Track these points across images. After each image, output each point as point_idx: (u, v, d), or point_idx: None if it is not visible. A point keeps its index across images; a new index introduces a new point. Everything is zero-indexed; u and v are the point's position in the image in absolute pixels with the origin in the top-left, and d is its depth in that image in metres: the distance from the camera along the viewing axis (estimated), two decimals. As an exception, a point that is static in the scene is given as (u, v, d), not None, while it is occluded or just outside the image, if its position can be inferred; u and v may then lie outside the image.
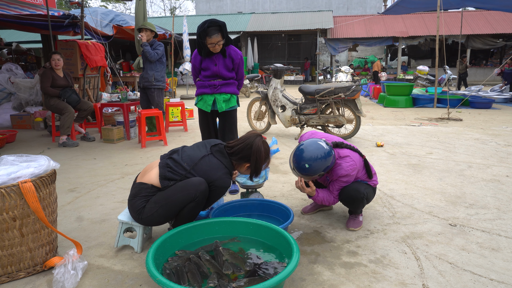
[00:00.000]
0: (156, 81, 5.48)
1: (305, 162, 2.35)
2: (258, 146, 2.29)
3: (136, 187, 2.25)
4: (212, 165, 2.23)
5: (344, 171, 2.47)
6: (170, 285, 1.60)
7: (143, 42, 5.30)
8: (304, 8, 26.40)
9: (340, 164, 2.50)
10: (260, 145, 2.30)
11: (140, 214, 2.18)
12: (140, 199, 2.19)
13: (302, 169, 2.38)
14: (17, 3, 6.98)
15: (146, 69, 5.47)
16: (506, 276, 2.01)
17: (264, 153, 2.32)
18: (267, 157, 2.38)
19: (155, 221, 2.21)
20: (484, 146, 5.17)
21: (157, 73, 5.49)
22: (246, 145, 2.30)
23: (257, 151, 2.28)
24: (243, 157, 2.31)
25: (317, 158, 2.34)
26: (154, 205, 2.17)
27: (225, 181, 2.23)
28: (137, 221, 2.25)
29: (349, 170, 2.47)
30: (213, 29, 3.13)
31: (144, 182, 2.23)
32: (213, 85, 3.39)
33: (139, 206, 2.18)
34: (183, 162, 2.24)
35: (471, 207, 3.00)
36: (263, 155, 2.31)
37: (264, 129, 6.30)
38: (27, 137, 6.23)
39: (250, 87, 13.60)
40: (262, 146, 2.31)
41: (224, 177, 2.23)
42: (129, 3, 42.33)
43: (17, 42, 14.72)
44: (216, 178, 2.20)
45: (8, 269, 2.00)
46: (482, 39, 17.66)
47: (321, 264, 2.17)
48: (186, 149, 2.35)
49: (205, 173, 2.21)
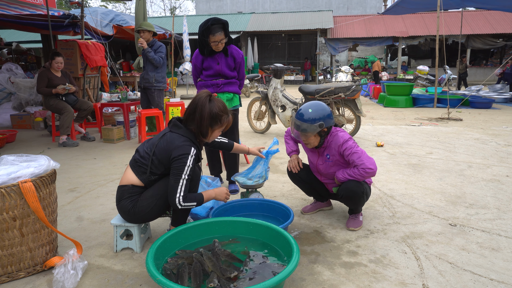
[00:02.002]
0: (157, 82, 5.47)
1: (309, 107, 2.50)
2: (201, 104, 2.17)
3: (118, 190, 2.26)
4: (169, 140, 2.17)
5: (341, 136, 2.55)
6: (170, 285, 1.60)
7: (146, 49, 5.26)
8: (304, 8, 26.40)
9: (336, 133, 2.59)
10: (203, 102, 2.18)
11: (135, 214, 2.19)
12: (125, 200, 2.21)
13: (305, 113, 2.48)
14: (17, 3, 6.98)
15: (147, 70, 5.45)
16: (506, 276, 2.01)
17: (208, 110, 2.17)
18: (220, 115, 2.21)
19: (153, 214, 2.22)
20: (484, 146, 5.17)
21: (158, 74, 5.47)
22: (192, 107, 2.21)
23: (201, 109, 2.16)
24: (193, 119, 2.21)
25: (320, 106, 2.52)
26: (151, 199, 2.18)
27: (182, 148, 2.11)
28: (132, 221, 2.25)
29: (346, 134, 2.57)
30: (217, 27, 3.12)
31: (124, 184, 2.23)
32: (216, 84, 3.38)
33: (128, 207, 2.19)
34: (146, 149, 2.23)
35: (471, 207, 3.00)
36: (207, 112, 2.17)
37: (264, 129, 6.31)
38: (27, 137, 6.23)
39: (250, 87, 13.60)
40: (207, 103, 2.18)
41: (180, 144, 2.12)
42: (129, 3, 42.32)
43: (17, 42, 14.71)
44: (173, 148, 2.13)
45: (8, 269, 2.00)
46: (482, 39, 17.66)
47: (321, 264, 2.17)
48: (150, 139, 2.33)
49: (164, 150, 2.15)
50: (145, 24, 5.39)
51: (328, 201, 2.99)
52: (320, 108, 2.51)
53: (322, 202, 2.97)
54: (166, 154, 2.15)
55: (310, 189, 2.90)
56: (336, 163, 2.63)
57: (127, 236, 2.42)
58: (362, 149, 2.53)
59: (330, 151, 2.61)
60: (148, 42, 5.39)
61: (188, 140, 2.18)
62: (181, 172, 2.10)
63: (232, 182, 3.51)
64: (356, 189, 2.51)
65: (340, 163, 2.62)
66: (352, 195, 2.53)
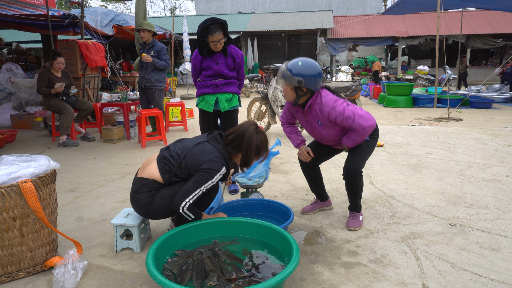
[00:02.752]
0: (159, 82, 5.49)
1: (301, 61, 2.41)
2: (250, 135, 2.21)
3: (138, 182, 2.23)
4: (205, 150, 2.18)
5: (326, 104, 2.44)
6: (170, 285, 1.60)
7: (153, 61, 5.28)
8: (304, 8, 26.40)
9: (321, 99, 2.48)
10: (252, 134, 2.21)
11: (149, 210, 2.18)
12: (143, 194, 2.19)
13: (294, 63, 2.41)
14: (17, 3, 6.98)
15: (148, 70, 5.43)
16: (506, 276, 2.01)
17: (255, 143, 2.21)
18: (262, 148, 2.27)
19: (167, 213, 2.22)
20: (484, 146, 5.17)
21: (160, 74, 5.49)
22: (239, 133, 2.23)
23: (249, 140, 2.20)
24: (236, 146, 2.24)
25: (311, 65, 2.42)
26: (168, 199, 2.16)
27: (215, 163, 2.12)
28: (144, 216, 2.26)
29: (331, 99, 2.47)
30: (215, 27, 3.12)
31: (145, 177, 2.21)
32: (215, 84, 3.38)
33: (145, 202, 2.18)
34: (178, 150, 2.22)
35: (471, 207, 3.00)
36: (254, 145, 2.21)
37: (264, 129, 6.30)
38: (27, 137, 6.23)
39: (250, 87, 13.60)
40: (255, 135, 2.22)
41: (215, 159, 2.13)
42: (129, 3, 42.31)
43: (17, 42, 14.70)
44: (206, 160, 2.13)
45: (8, 269, 2.00)
46: (482, 39, 17.66)
47: (321, 264, 2.17)
48: (184, 140, 2.34)
49: (196, 157, 2.15)
50: (145, 24, 5.38)
51: (328, 201, 2.99)
52: (309, 66, 2.41)
53: (322, 201, 2.97)
54: (197, 163, 2.14)
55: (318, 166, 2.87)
56: (330, 125, 2.54)
57: (127, 236, 2.42)
58: (353, 108, 2.42)
59: (319, 117, 2.52)
60: (148, 42, 5.39)
61: (223, 158, 2.19)
62: (202, 183, 2.11)
63: (232, 182, 3.51)
64: (354, 168, 2.52)
65: (333, 124, 2.53)
66: (348, 176, 2.55)
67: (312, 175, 2.88)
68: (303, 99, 2.52)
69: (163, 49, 5.43)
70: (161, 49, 5.40)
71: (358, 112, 2.41)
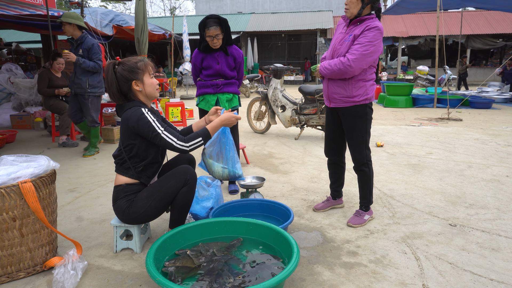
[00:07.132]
0: (91, 88, 4.56)
1: None
2: (110, 76, 2.16)
3: (114, 191, 2.25)
4: (122, 121, 2.18)
5: (375, 26, 2.40)
6: (170, 285, 1.60)
7: (76, 61, 4.37)
8: (304, 8, 26.41)
9: (374, 21, 2.44)
10: (110, 73, 2.16)
11: (129, 215, 2.16)
12: (121, 200, 2.18)
13: None
14: (17, 3, 6.99)
15: (77, 73, 4.50)
16: (506, 276, 2.01)
17: (120, 77, 2.15)
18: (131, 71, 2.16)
19: (148, 215, 2.18)
20: (484, 146, 5.17)
21: (92, 78, 4.55)
22: (108, 84, 2.19)
23: (109, 77, 2.17)
24: (126, 95, 2.23)
25: None
26: (146, 200, 2.15)
27: (134, 114, 2.10)
28: (128, 222, 2.22)
29: (380, 27, 2.42)
30: (212, 21, 3.15)
31: (118, 184, 2.22)
32: (216, 84, 3.38)
33: (123, 207, 2.17)
34: (117, 148, 2.27)
35: (471, 207, 3.00)
36: (119, 80, 2.16)
37: (264, 129, 6.30)
38: (27, 137, 6.22)
39: (250, 87, 13.60)
40: (111, 71, 2.16)
41: (130, 113, 2.12)
42: (129, 3, 42.35)
43: (17, 42, 14.72)
44: (127, 120, 2.12)
45: (8, 269, 2.00)
46: (482, 39, 17.67)
47: (321, 264, 2.17)
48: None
49: (124, 130, 2.16)
50: (67, 15, 4.37)
51: (340, 199, 3.02)
52: None
53: (334, 199, 3.00)
54: (128, 130, 2.14)
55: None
56: (349, 46, 2.50)
57: (127, 237, 2.42)
58: (375, 47, 2.41)
59: (356, 34, 2.47)
60: (76, 38, 4.48)
61: (133, 107, 2.16)
62: (152, 131, 2.09)
63: (232, 182, 3.51)
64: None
65: (351, 45, 2.48)
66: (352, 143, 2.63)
67: (338, 170, 2.95)
68: (365, 11, 2.48)
69: (94, 46, 4.49)
70: (91, 46, 4.47)
71: (371, 51, 2.40)
